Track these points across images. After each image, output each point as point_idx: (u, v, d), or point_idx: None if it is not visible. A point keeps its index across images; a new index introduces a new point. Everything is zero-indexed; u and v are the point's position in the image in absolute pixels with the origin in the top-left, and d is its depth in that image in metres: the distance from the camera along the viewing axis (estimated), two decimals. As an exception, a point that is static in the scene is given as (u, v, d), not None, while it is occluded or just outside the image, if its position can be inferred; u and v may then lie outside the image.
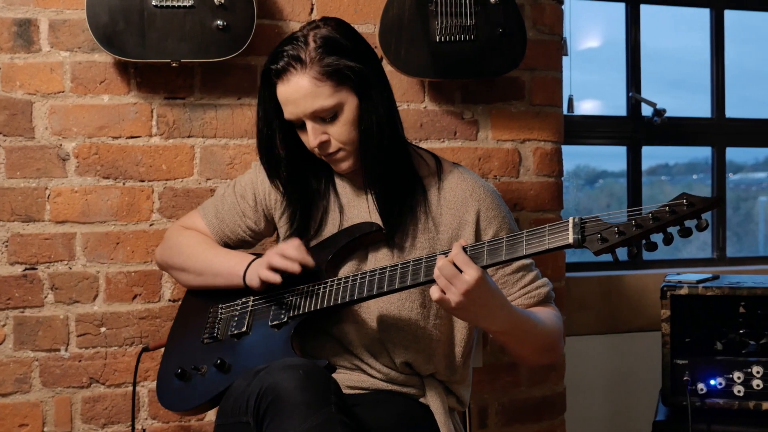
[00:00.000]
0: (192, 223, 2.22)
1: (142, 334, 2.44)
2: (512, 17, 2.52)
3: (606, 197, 5.05)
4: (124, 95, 2.42)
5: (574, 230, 1.62)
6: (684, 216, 1.56)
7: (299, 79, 1.88)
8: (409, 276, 1.82)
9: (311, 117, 1.90)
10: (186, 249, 2.16)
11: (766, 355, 2.39)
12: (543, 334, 1.92)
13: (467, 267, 1.69)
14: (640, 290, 3.26)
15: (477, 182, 2.04)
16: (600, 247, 1.60)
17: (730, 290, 2.41)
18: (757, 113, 3.64)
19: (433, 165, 2.07)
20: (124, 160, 2.43)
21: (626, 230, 1.59)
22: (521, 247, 1.69)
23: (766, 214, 5.10)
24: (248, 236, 2.17)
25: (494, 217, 2.01)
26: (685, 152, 4.05)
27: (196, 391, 1.98)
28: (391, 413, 1.94)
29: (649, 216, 1.58)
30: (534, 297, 2.00)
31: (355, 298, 1.88)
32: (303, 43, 1.89)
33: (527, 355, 1.97)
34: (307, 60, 1.88)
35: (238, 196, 2.16)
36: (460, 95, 2.67)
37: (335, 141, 1.93)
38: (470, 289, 1.68)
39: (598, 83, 3.45)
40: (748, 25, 3.70)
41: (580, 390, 3.15)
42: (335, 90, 1.89)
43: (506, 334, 1.85)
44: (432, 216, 2.00)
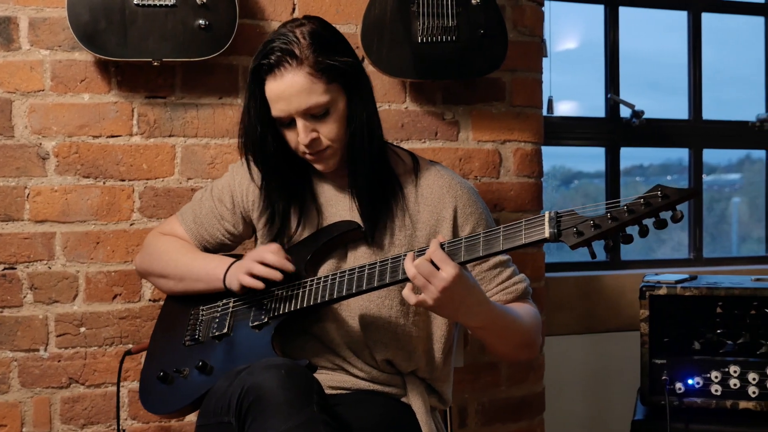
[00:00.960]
0: (170, 229, 2.21)
1: (122, 334, 2.43)
2: (494, 19, 2.53)
3: (581, 198, 5.08)
4: (105, 94, 2.41)
5: (550, 224, 1.63)
6: (659, 207, 1.57)
7: (294, 75, 1.86)
8: (387, 274, 1.83)
9: (303, 114, 1.89)
10: (165, 255, 2.15)
11: (743, 354, 2.42)
12: (521, 330, 1.93)
13: (444, 264, 1.70)
14: (618, 290, 3.29)
15: (454, 179, 2.05)
16: (576, 240, 1.61)
17: (708, 290, 2.44)
18: (732, 115, 3.68)
19: (410, 163, 2.08)
20: (104, 160, 2.41)
21: (602, 223, 1.60)
22: (498, 242, 1.70)
23: (739, 215, 5.15)
24: (227, 239, 2.17)
25: (471, 213, 2.02)
26: (660, 153, 4.08)
27: (178, 393, 1.98)
28: (373, 413, 1.94)
29: (624, 208, 1.59)
30: (512, 293, 2.01)
31: (334, 297, 1.89)
32: (294, 38, 1.88)
33: (506, 350, 1.98)
34: (302, 55, 1.86)
35: (215, 199, 2.15)
36: (441, 96, 2.68)
37: (324, 138, 1.93)
38: (448, 286, 1.69)
39: (575, 85, 3.47)
40: (724, 27, 3.73)
41: (559, 389, 3.17)
42: (328, 87, 1.88)
43: (485, 330, 1.87)
44: (410, 213, 2.01)
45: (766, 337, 2.41)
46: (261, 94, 1.93)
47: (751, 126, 3.67)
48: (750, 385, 2.39)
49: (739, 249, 5.25)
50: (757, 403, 2.39)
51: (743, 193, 4.49)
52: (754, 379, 2.39)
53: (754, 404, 2.39)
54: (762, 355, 2.40)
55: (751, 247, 5.43)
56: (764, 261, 3.67)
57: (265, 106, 1.94)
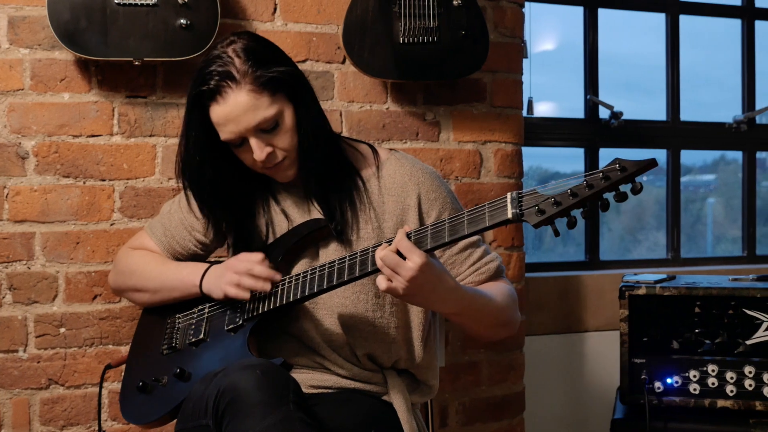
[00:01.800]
0: (140, 244, 2.20)
1: (102, 334, 2.42)
2: (475, 20, 2.55)
3: (559, 198, 5.11)
4: (85, 93, 2.40)
5: (512, 205, 1.64)
6: (618, 180, 1.57)
7: (237, 95, 1.86)
8: (357, 267, 1.83)
9: (254, 131, 1.89)
10: (137, 269, 2.15)
11: (721, 353, 2.44)
12: (497, 309, 1.94)
13: (410, 253, 1.70)
14: (596, 290, 3.31)
15: (415, 165, 2.05)
16: (538, 219, 1.61)
17: (687, 290, 2.46)
18: (707, 116, 3.71)
19: (370, 155, 2.08)
20: (84, 159, 2.40)
21: (562, 200, 1.59)
22: (462, 226, 1.70)
23: (714, 215, 5.19)
24: (199, 249, 2.16)
25: (435, 199, 2.03)
26: (634, 154, 4.11)
27: (158, 402, 1.98)
28: (355, 411, 1.95)
29: (583, 184, 1.60)
30: (484, 273, 2.02)
31: (306, 294, 1.89)
32: (228, 59, 1.87)
33: (484, 332, 1.99)
34: (239, 75, 1.85)
35: (184, 211, 2.14)
36: (423, 96, 2.69)
37: (279, 151, 1.93)
38: (415, 275, 1.70)
39: (552, 86, 3.49)
40: (700, 30, 3.77)
41: (539, 389, 3.19)
42: (272, 99, 1.88)
43: (460, 315, 1.88)
44: (374, 206, 2.02)
45: (743, 337, 2.43)
46: (202, 121, 1.91)
47: (728, 127, 3.70)
48: (728, 384, 2.42)
49: (714, 249, 5.30)
50: (735, 402, 2.41)
51: (718, 193, 4.53)
52: (731, 378, 2.42)
53: (731, 403, 2.41)
54: (739, 354, 2.43)
55: (726, 248, 5.48)
56: (741, 261, 3.71)
57: (205, 132, 1.92)
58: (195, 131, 1.94)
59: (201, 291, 2.03)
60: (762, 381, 2.40)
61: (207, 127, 1.92)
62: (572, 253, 3.65)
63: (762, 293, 2.41)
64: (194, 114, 1.92)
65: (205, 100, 1.89)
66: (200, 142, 1.94)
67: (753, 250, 3.72)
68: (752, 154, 3.74)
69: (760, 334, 2.42)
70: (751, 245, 3.72)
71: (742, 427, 2.38)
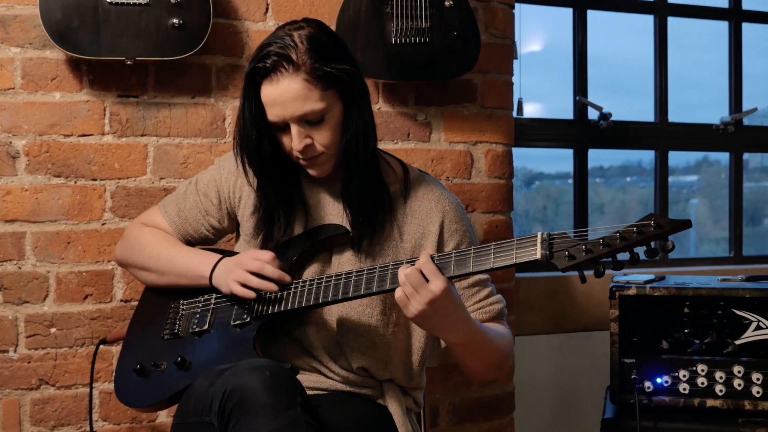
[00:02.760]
0: (152, 221, 2.18)
1: (93, 334, 2.41)
2: (467, 21, 2.55)
3: (542, 199, 5.13)
4: (77, 93, 2.39)
5: (542, 246, 1.64)
6: (651, 237, 1.58)
7: (290, 81, 1.84)
8: (375, 282, 1.83)
9: (298, 120, 1.87)
10: (147, 248, 2.12)
11: (710, 353, 2.46)
12: (496, 350, 1.94)
13: (434, 277, 1.70)
14: (585, 290, 3.32)
15: (443, 193, 2.05)
16: (567, 264, 1.62)
17: (677, 291, 2.47)
18: (692, 118, 3.73)
19: (400, 172, 2.07)
20: (75, 159, 2.39)
21: (594, 248, 1.61)
22: (489, 259, 1.70)
23: (697, 216, 5.22)
24: (211, 234, 2.15)
25: (456, 230, 2.03)
26: (619, 155, 4.13)
27: (155, 387, 1.96)
28: (351, 414, 1.94)
29: (617, 236, 1.60)
30: (487, 313, 2.02)
31: (320, 301, 1.88)
32: (292, 43, 1.85)
33: (479, 369, 1.98)
34: (299, 61, 1.83)
35: (200, 194, 2.13)
36: (414, 97, 2.70)
37: (319, 145, 1.91)
38: (435, 298, 1.69)
39: (538, 86, 3.50)
40: (686, 32, 3.79)
41: (529, 389, 3.20)
42: (324, 94, 1.86)
43: (464, 347, 1.87)
44: (397, 224, 2.01)
45: (732, 337, 2.45)
46: (256, 97, 1.89)
47: (715, 129, 3.73)
48: (717, 384, 2.43)
49: (698, 250, 5.33)
50: (724, 401, 2.43)
51: (701, 194, 4.56)
52: (720, 378, 2.43)
53: (720, 402, 2.43)
54: (728, 354, 2.45)
55: (710, 248, 5.51)
56: (728, 262, 3.73)
57: (260, 109, 1.90)
58: (250, 107, 1.91)
59: (210, 283, 2.02)
60: (751, 380, 2.42)
61: (261, 103, 1.89)
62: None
63: (751, 293, 2.43)
64: (249, 90, 1.90)
65: (259, 78, 1.87)
66: (255, 118, 1.91)
67: (740, 250, 3.75)
68: (739, 156, 3.77)
69: (749, 334, 2.44)
70: (737, 246, 3.75)
71: (731, 427, 2.39)
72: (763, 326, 2.43)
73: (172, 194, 2.18)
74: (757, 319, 2.43)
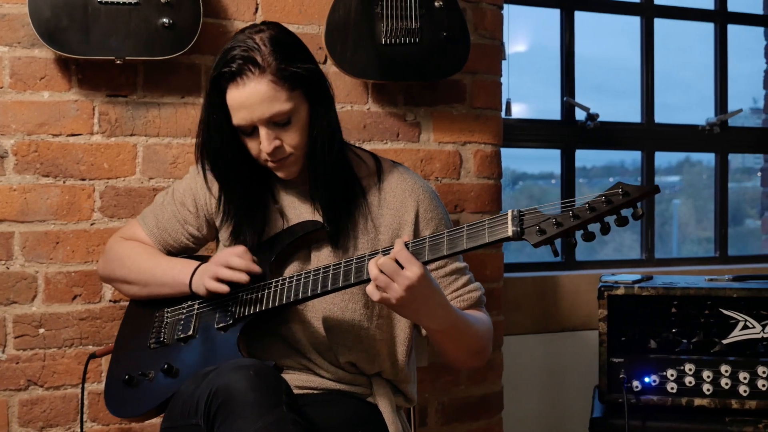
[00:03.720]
0: (132, 234, 2.18)
1: (82, 335, 2.40)
2: (456, 21, 2.56)
3: (526, 199, 5.16)
4: (65, 92, 2.38)
5: (513, 223, 1.65)
6: (620, 205, 1.60)
7: (257, 84, 1.85)
8: (352, 274, 1.84)
9: (266, 122, 1.88)
10: (128, 261, 2.13)
11: (697, 353, 2.48)
12: (476, 336, 1.95)
13: (409, 263, 1.71)
14: (573, 290, 3.33)
15: (416, 182, 2.06)
16: (539, 239, 1.63)
17: (665, 290, 2.49)
18: (676, 119, 3.75)
19: (373, 165, 2.08)
20: (64, 158, 2.38)
21: (564, 221, 1.62)
22: (462, 241, 1.71)
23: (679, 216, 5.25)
24: (191, 243, 2.16)
25: (432, 218, 2.04)
26: (601, 155, 4.15)
27: (144, 397, 1.97)
28: (341, 413, 1.95)
29: (585, 206, 1.61)
30: (466, 300, 2.03)
31: (299, 297, 1.89)
32: (255, 46, 1.86)
33: (459, 356, 2.00)
34: (264, 63, 1.85)
35: (177, 203, 2.13)
36: (403, 97, 2.70)
37: (287, 146, 1.92)
38: (412, 284, 1.71)
39: (524, 87, 3.51)
40: (671, 33, 3.81)
41: (517, 388, 3.21)
42: (290, 95, 1.87)
43: (444, 333, 1.88)
44: (372, 216, 2.02)
45: (719, 336, 2.46)
46: (221, 103, 1.90)
47: (701, 130, 3.75)
48: (704, 383, 2.45)
49: (680, 250, 5.36)
50: (711, 400, 2.44)
51: (683, 194, 4.60)
52: (708, 377, 2.45)
53: (708, 401, 2.45)
54: (716, 354, 2.46)
55: (692, 248, 5.55)
56: (714, 261, 3.75)
57: (225, 114, 1.91)
58: (216, 113, 1.92)
59: (190, 289, 2.02)
60: (738, 380, 2.43)
61: (226, 109, 1.90)
62: (549, 253, 3.68)
63: (738, 293, 2.45)
64: (214, 95, 1.91)
65: (225, 82, 1.88)
66: (221, 124, 1.92)
67: (725, 250, 3.77)
68: (724, 157, 3.79)
69: (736, 334, 2.46)
70: (723, 246, 3.77)
71: (718, 425, 2.41)
72: (750, 326, 2.45)
73: (149, 206, 2.19)
74: (744, 318, 2.45)
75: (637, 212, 1.59)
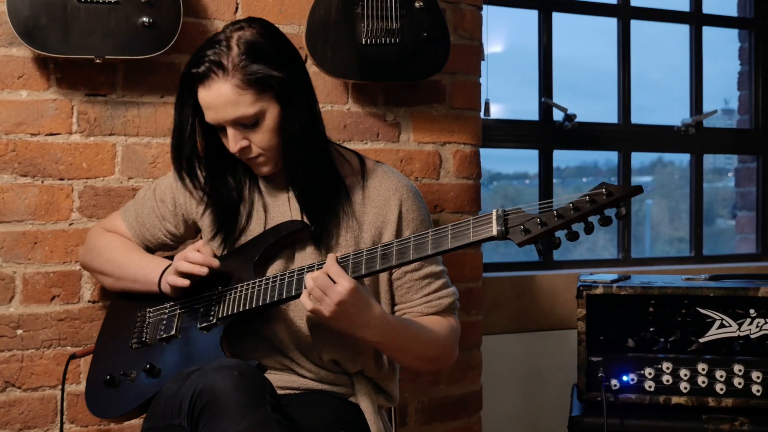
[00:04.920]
0: (113, 225, 2.21)
1: (60, 336, 2.38)
2: (436, 22, 2.57)
3: (501, 199, 5.18)
4: (44, 91, 2.36)
5: (498, 222, 1.66)
6: (604, 205, 1.62)
7: (221, 86, 1.87)
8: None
9: (232, 123, 1.90)
10: (105, 252, 2.15)
11: (674, 351, 2.50)
12: (425, 344, 1.96)
13: (340, 278, 1.75)
14: (550, 290, 3.36)
15: (401, 181, 2.07)
16: (523, 238, 1.64)
17: (643, 290, 2.51)
18: (648, 119, 3.78)
19: (357, 164, 2.09)
20: (42, 158, 2.36)
21: (548, 221, 1.63)
22: (446, 240, 1.72)
23: (652, 216, 5.30)
24: (169, 240, 2.17)
25: (413, 219, 2.05)
26: (575, 156, 4.17)
27: (125, 397, 1.96)
28: (323, 413, 1.96)
29: (570, 206, 1.63)
30: (434, 307, 2.04)
31: (283, 297, 1.90)
32: (226, 48, 1.87)
33: (409, 362, 2.03)
34: (230, 66, 1.86)
35: (157, 200, 2.14)
36: (383, 97, 2.70)
37: (256, 147, 1.93)
38: (343, 299, 1.74)
39: (500, 88, 3.52)
40: (648, 34, 3.84)
41: (496, 387, 3.22)
42: (257, 98, 1.88)
43: (383, 345, 1.92)
44: (356, 215, 2.03)
45: (696, 335, 2.49)
46: (194, 100, 1.93)
47: (677, 130, 3.78)
48: (682, 381, 2.47)
49: (652, 249, 5.41)
50: (689, 398, 2.47)
51: (656, 195, 4.64)
52: (685, 375, 2.47)
53: (685, 399, 2.47)
54: (693, 352, 2.49)
55: (663, 248, 5.60)
56: (689, 261, 3.79)
57: (197, 112, 1.95)
58: (187, 109, 1.95)
59: (159, 289, 2.03)
60: (714, 378, 2.46)
61: (197, 104, 1.93)
62: (526, 252, 3.70)
63: (715, 292, 2.47)
64: (185, 92, 1.94)
65: (194, 82, 1.90)
66: (192, 120, 1.96)
67: (700, 250, 3.81)
68: (699, 157, 3.83)
69: (713, 333, 2.49)
70: (698, 245, 3.81)
71: (695, 423, 2.43)
72: (727, 324, 2.48)
73: (132, 200, 2.21)
74: (720, 317, 2.48)
75: (620, 212, 1.61)
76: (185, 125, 1.97)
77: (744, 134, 3.97)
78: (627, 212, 1.63)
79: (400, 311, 2.05)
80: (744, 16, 3.98)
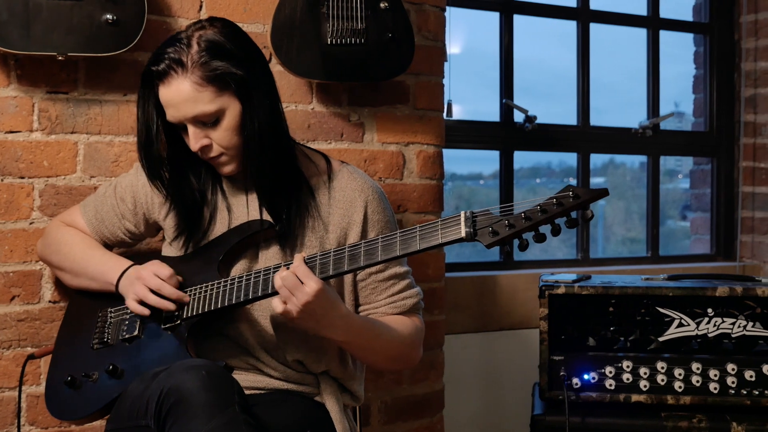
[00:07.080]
0: (72, 220, 2.20)
1: (20, 336, 2.35)
2: (401, 23, 2.58)
3: (455, 199, 5.21)
4: (4, 88, 2.32)
5: (466, 224, 1.69)
6: (570, 207, 1.65)
7: (180, 84, 1.87)
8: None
9: (192, 121, 1.90)
10: (64, 248, 2.13)
11: (634, 350, 2.54)
12: (390, 343, 1.98)
13: (307, 279, 1.76)
14: (511, 290, 3.38)
15: (366, 182, 2.08)
16: (491, 240, 1.67)
17: (603, 289, 2.54)
18: (604, 121, 3.83)
19: (323, 165, 2.09)
20: (2, 156, 2.32)
21: (516, 223, 1.66)
22: (415, 242, 1.74)
23: (604, 217, 5.38)
24: (128, 238, 2.17)
25: (378, 221, 2.06)
26: (529, 157, 4.20)
27: (87, 399, 1.94)
28: (289, 413, 1.96)
29: (537, 208, 1.66)
30: (399, 307, 2.05)
31: (249, 297, 1.89)
32: (186, 46, 1.88)
33: (374, 361, 2.05)
34: (189, 64, 1.87)
35: (118, 198, 2.13)
36: (347, 98, 2.71)
37: (217, 146, 1.93)
38: (310, 300, 1.75)
39: (459, 89, 3.54)
40: (606, 38, 3.89)
41: (458, 387, 3.24)
42: (217, 95, 1.88)
43: (349, 344, 1.94)
44: (321, 215, 2.03)
45: (656, 334, 2.53)
46: (156, 98, 1.93)
47: (634, 133, 3.84)
48: (641, 379, 2.51)
49: (605, 250, 5.48)
50: (648, 396, 2.51)
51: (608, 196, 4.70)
52: (645, 374, 2.51)
53: (645, 397, 2.51)
54: (652, 351, 2.53)
55: (616, 248, 5.67)
56: (646, 261, 3.85)
57: (158, 109, 1.95)
58: (151, 108, 1.95)
59: (117, 291, 2.01)
60: (673, 376, 2.50)
61: (158, 102, 1.93)
62: (486, 252, 3.71)
63: (674, 292, 2.52)
64: (146, 90, 1.94)
65: (155, 79, 1.90)
66: (153, 118, 1.95)
67: (657, 250, 3.87)
68: (656, 159, 3.89)
69: (672, 331, 2.53)
70: (654, 246, 3.87)
71: (654, 420, 2.47)
72: (685, 323, 2.52)
73: (93, 195, 2.20)
74: (679, 316, 2.52)
75: (587, 214, 1.64)
76: (151, 123, 1.96)
77: (699, 137, 4.04)
78: (593, 215, 1.66)
79: (364, 312, 2.06)
80: (699, 20, 4.05)
